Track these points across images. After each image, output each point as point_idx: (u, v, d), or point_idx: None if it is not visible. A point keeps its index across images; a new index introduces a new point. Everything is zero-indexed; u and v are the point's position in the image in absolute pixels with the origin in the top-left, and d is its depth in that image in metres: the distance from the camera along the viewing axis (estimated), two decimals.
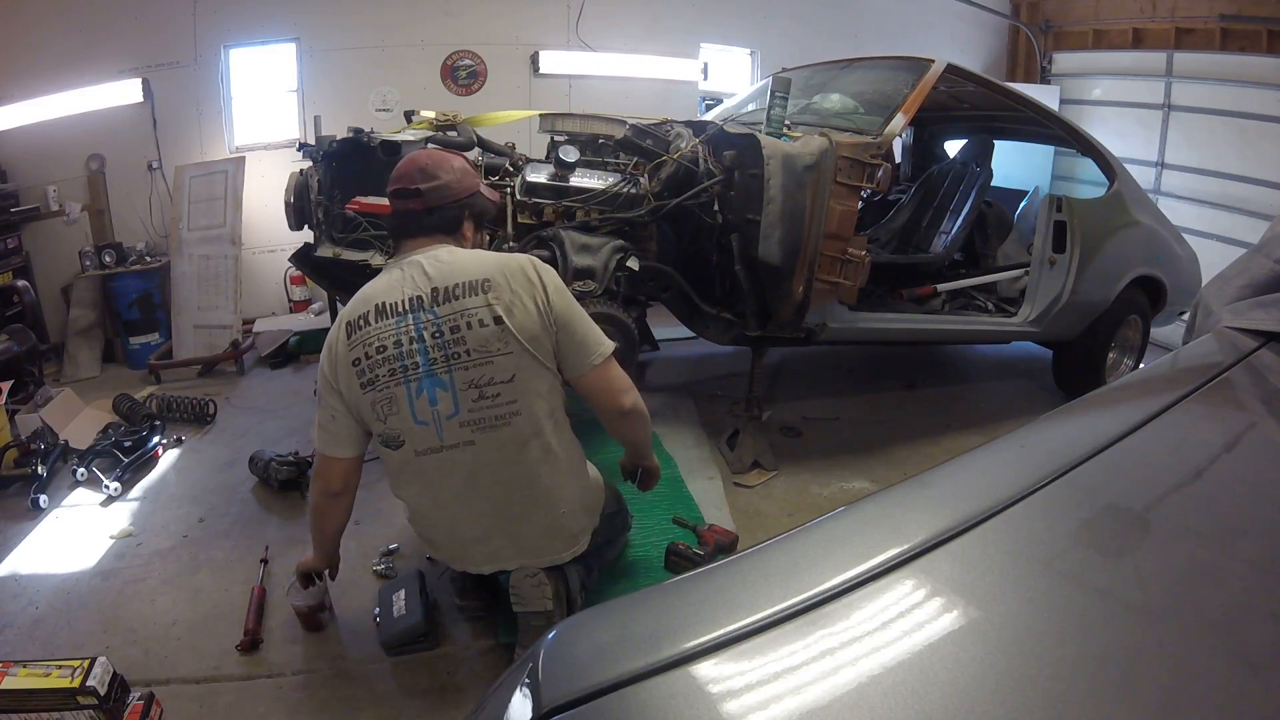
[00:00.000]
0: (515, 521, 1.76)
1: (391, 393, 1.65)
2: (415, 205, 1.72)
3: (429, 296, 1.64)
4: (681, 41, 5.16)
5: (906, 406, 3.61)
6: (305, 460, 2.78)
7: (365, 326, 1.66)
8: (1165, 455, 0.93)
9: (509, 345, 1.63)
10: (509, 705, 0.62)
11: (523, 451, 1.69)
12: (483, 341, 1.62)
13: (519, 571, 1.81)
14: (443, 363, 1.63)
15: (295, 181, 2.92)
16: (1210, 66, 4.80)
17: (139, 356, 4.13)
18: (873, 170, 2.54)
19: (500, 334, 1.62)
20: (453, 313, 1.63)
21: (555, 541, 1.81)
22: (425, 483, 1.73)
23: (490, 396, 1.64)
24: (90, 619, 2.11)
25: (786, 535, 0.80)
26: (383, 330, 1.65)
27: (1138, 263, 3.51)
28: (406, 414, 1.65)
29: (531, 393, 1.67)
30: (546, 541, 1.81)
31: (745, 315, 2.69)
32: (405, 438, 1.67)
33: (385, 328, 1.65)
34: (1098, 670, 0.58)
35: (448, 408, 1.64)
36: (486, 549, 1.80)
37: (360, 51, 4.56)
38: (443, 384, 1.63)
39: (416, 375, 1.63)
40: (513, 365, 1.64)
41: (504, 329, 1.62)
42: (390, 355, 1.64)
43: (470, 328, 1.62)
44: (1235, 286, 1.29)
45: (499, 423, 1.66)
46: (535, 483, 1.73)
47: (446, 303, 1.63)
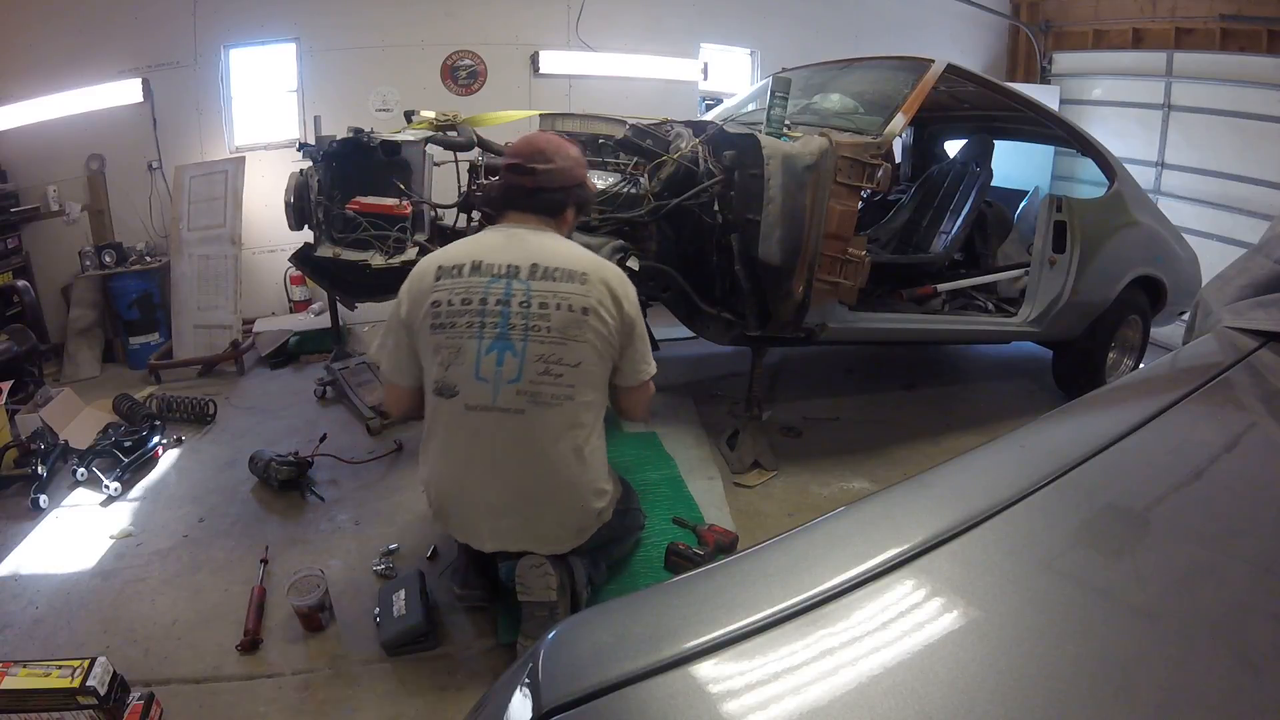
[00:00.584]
0: (533, 503, 1.78)
1: (461, 344, 1.71)
2: (526, 182, 1.81)
3: (527, 269, 1.73)
4: (681, 41, 5.16)
5: (906, 406, 3.60)
6: (305, 460, 2.78)
7: (457, 275, 1.74)
8: (1165, 455, 0.93)
9: (585, 336, 1.71)
10: (509, 705, 0.62)
11: (561, 438, 1.74)
12: (564, 324, 1.70)
13: (525, 561, 1.82)
14: (520, 330, 1.70)
15: (295, 181, 2.92)
16: (1210, 66, 4.80)
17: (139, 356, 4.13)
18: (873, 170, 2.54)
19: (581, 324, 1.71)
20: (545, 290, 1.71)
21: (563, 532, 1.84)
22: (463, 439, 1.76)
23: (554, 375, 1.70)
24: (90, 619, 2.11)
25: (786, 535, 0.80)
26: (473, 284, 1.73)
27: (1138, 263, 3.51)
28: (470, 367, 1.71)
29: (588, 385, 1.75)
30: (555, 530, 1.83)
31: (745, 315, 2.69)
32: (461, 389, 1.72)
33: (476, 282, 1.73)
34: (1098, 670, 0.58)
35: (511, 372, 1.70)
36: (497, 524, 1.80)
37: (360, 51, 4.56)
38: (513, 349, 1.70)
39: (492, 334, 1.70)
40: (582, 355, 1.72)
41: (585, 322, 1.71)
42: (474, 309, 1.71)
43: (558, 309, 1.70)
44: (1235, 286, 1.29)
45: (553, 401, 1.72)
46: (563, 471, 1.76)
47: (543, 280, 1.72)
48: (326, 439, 3.01)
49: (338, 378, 3.58)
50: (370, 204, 2.85)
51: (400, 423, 3.25)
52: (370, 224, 2.84)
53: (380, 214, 2.85)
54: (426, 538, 2.44)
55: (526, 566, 1.82)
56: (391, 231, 2.84)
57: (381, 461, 2.95)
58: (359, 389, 3.48)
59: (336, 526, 2.54)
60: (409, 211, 2.86)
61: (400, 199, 2.90)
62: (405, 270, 2.76)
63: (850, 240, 2.55)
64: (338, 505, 2.66)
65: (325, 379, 3.64)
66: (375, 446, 3.05)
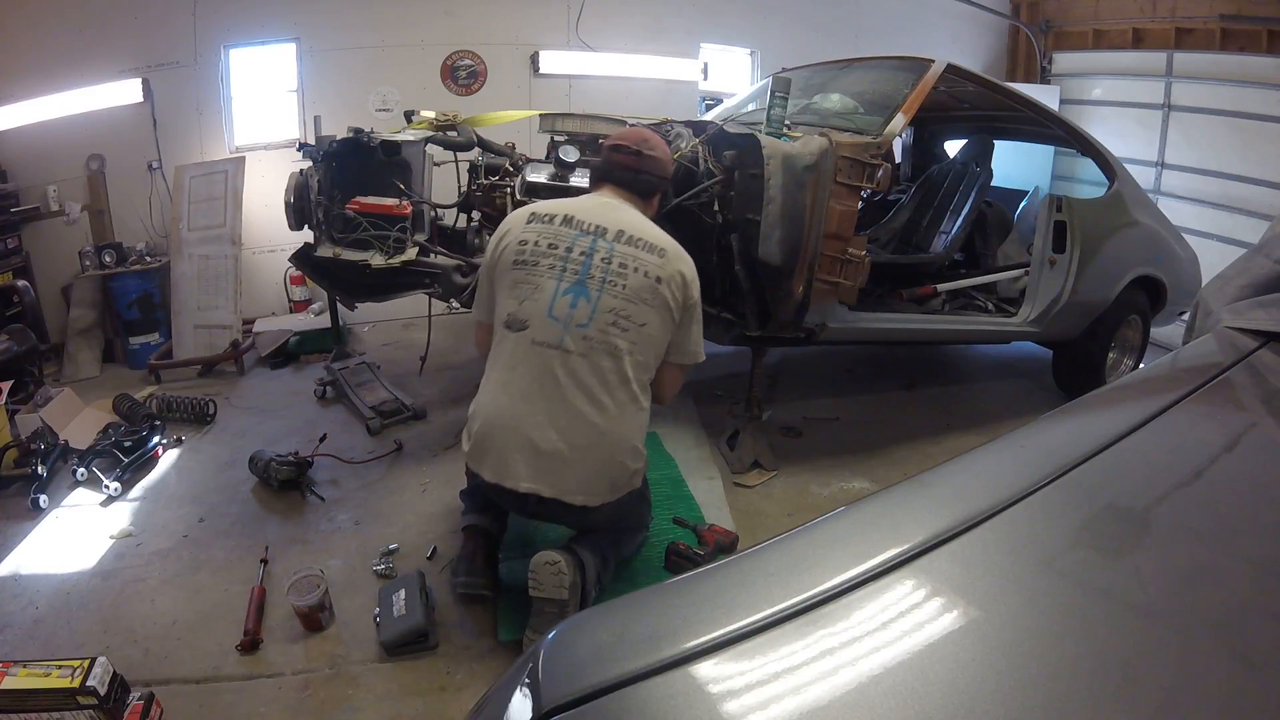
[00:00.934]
0: (576, 447, 1.82)
1: (540, 281, 1.84)
2: (630, 161, 2.01)
3: (614, 232, 1.88)
4: (681, 41, 5.16)
5: (906, 406, 3.61)
6: (305, 460, 2.78)
7: (549, 222, 1.90)
8: (1165, 455, 0.93)
9: (654, 302, 1.85)
10: (509, 705, 0.62)
11: (615, 389, 1.83)
12: (639, 287, 1.84)
13: (540, 557, 1.84)
14: (598, 281, 1.83)
15: (295, 181, 2.92)
16: (1210, 66, 4.80)
17: (139, 356, 4.13)
18: (873, 170, 2.54)
19: (654, 290, 1.85)
20: (627, 253, 1.86)
21: (597, 483, 1.87)
22: (524, 372, 1.83)
23: (620, 329, 1.83)
24: (90, 619, 2.11)
25: (786, 535, 0.80)
26: (562, 233, 1.88)
27: (1138, 263, 3.51)
28: (544, 304, 1.83)
29: (647, 348, 1.87)
30: (590, 480, 1.86)
31: (745, 315, 2.69)
32: (531, 324, 1.83)
33: (565, 232, 1.88)
34: (1098, 670, 0.58)
35: (582, 317, 1.82)
36: (536, 464, 1.82)
37: (360, 51, 4.56)
38: (588, 296, 1.82)
39: (571, 279, 1.83)
40: (648, 318, 1.85)
41: (657, 290, 1.85)
42: (558, 254, 1.85)
43: (635, 272, 1.85)
44: (1235, 286, 1.29)
45: (615, 352, 1.83)
46: (610, 420, 1.84)
47: (626, 244, 1.87)
48: (326, 439, 3.01)
49: (338, 378, 3.58)
50: (370, 204, 2.86)
51: (401, 422, 3.26)
52: (370, 224, 2.84)
53: (380, 214, 2.86)
54: (426, 538, 2.45)
55: (541, 563, 1.84)
56: (391, 231, 2.84)
57: (381, 461, 2.95)
58: (359, 389, 3.49)
59: (336, 526, 2.54)
60: (409, 211, 2.87)
61: (400, 199, 2.90)
62: (404, 270, 2.81)
63: (850, 240, 2.55)
64: (338, 505, 2.66)
65: (325, 379, 3.65)
66: (375, 446, 3.05)
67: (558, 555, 1.85)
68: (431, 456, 3.01)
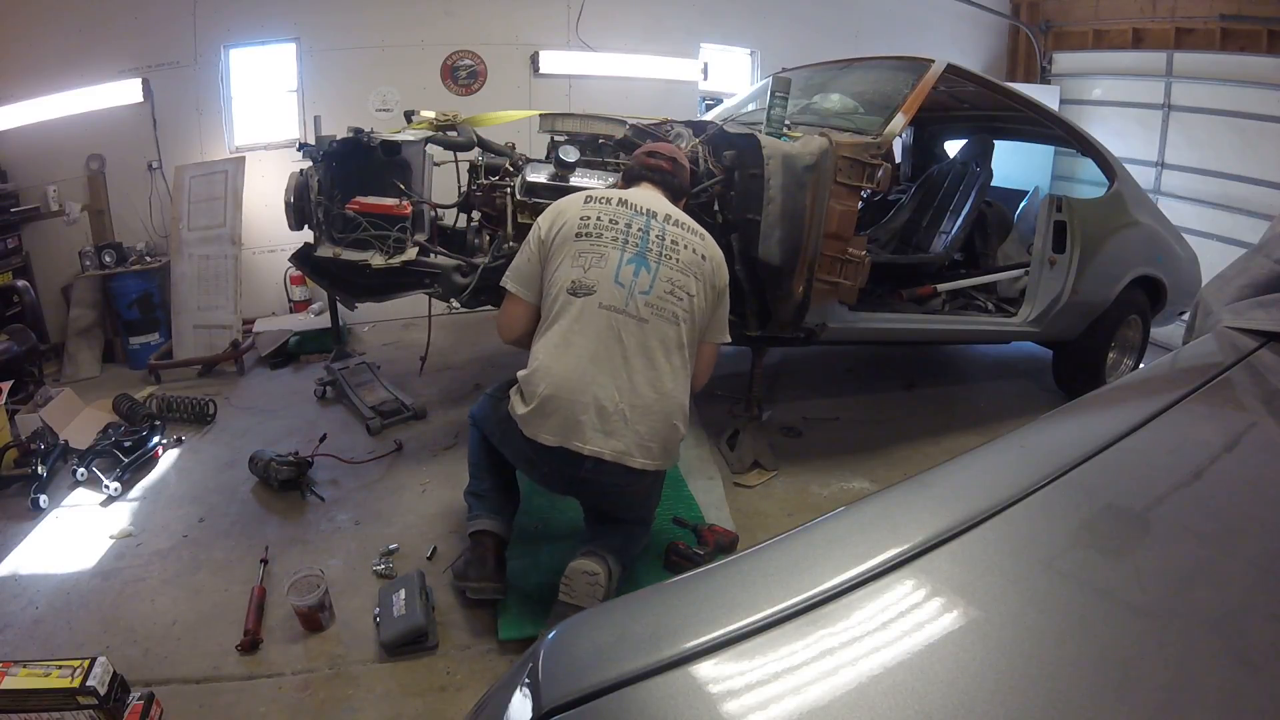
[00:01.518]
0: (639, 408, 1.89)
1: (605, 251, 1.95)
2: (666, 166, 2.19)
3: (663, 215, 2.04)
4: (681, 41, 5.16)
5: (906, 406, 3.60)
6: (305, 460, 2.78)
7: (605, 204, 2.02)
8: (1165, 455, 0.93)
9: (701, 276, 2.01)
10: (509, 705, 0.62)
11: (673, 353, 1.95)
12: (689, 262, 2.00)
13: (577, 565, 1.88)
14: (655, 254, 1.97)
15: (295, 181, 2.92)
16: (1210, 66, 4.80)
17: (139, 356, 4.13)
18: (873, 170, 2.54)
19: (700, 266, 2.01)
20: (677, 233, 2.02)
21: (654, 445, 1.92)
22: (592, 334, 1.90)
23: (677, 297, 1.96)
24: (90, 619, 2.11)
25: (786, 535, 0.80)
26: (620, 211, 2.01)
27: (1138, 263, 3.51)
28: (610, 271, 1.94)
29: (695, 318, 2.00)
30: (649, 442, 1.91)
31: (745, 315, 2.69)
32: (598, 289, 1.92)
33: (623, 211, 2.01)
34: (1098, 670, 0.58)
35: (644, 284, 1.94)
36: (602, 426, 1.87)
37: (360, 51, 4.56)
38: (648, 267, 1.96)
39: (633, 250, 1.96)
40: (696, 290, 2.00)
41: (703, 265, 2.02)
42: (620, 228, 1.98)
43: (685, 249, 2.01)
44: (1235, 286, 1.29)
45: (673, 319, 1.95)
46: (668, 382, 1.94)
47: (675, 226, 2.04)
48: (326, 439, 3.01)
49: (338, 378, 3.58)
50: (370, 204, 2.85)
51: (401, 422, 3.25)
52: (370, 224, 2.84)
53: (380, 214, 2.85)
54: (426, 538, 2.45)
55: (578, 571, 1.86)
56: (391, 231, 2.84)
57: (381, 461, 2.95)
58: (359, 389, 3.48)
59: (336, 526, 2.54)
60: (409, 211, 2.87)
61: (400, 199, 2.90)
62: (404, 270, 2.81)
63: (850, 240, 2.55)
64: (338, 505, 2.66)
65: (325, 379, 3.65)
66: (375, 446, 3.05)
67: (596, 567, 1.88)
68: (431, 456, 3.01)
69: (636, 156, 2.25)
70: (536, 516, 2.47)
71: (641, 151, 2.26)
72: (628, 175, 2.24)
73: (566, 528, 2.40)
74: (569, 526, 2.39)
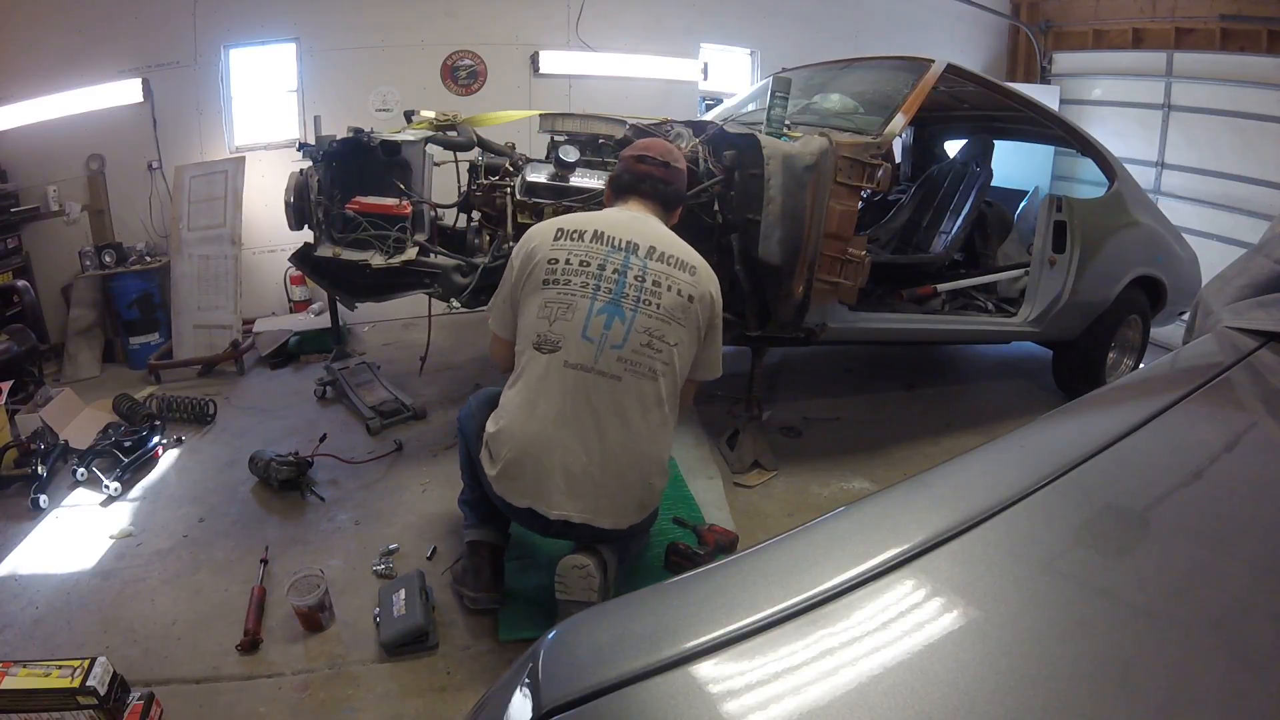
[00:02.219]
0: (610, 472, 1.80)
1: (574, 301, 1.78)
2: (658, 173, 1.96)
3: (645, 249, 1.83)
4: (681, 41, 5.16)
5: (906, 406, 3.61)
6: (305, 460, 2.78)
7: (578, 240, 1.83)
8: (1165, 455, 0.93)
9: (685, 321, 1.83)
10: (509, 705, 0.62)
11: (649, 411, 1.81)
12: (672, 306, 1.81)
13: (568, 561, 1.84)
14: (632, 301, 1.79)
15: (295, 181, 2.92)
16: (1210, 66, 4.80)
17: (139, 356, 4.13)
18: (873, 170, 2.54)
19: (686, 309, 1.82)
20: (660, 271, 1.82)
21: (628, 505, 1.85)
22: (557, 396, 1.78)
23: (654, 350, 1.79)
24: (90, 619, 2.11)
25: (786, 535, 0.80)
26: (593, 249, 1.81)
27: (1138, 263, 3.51)
28: (578, 325, 1.77)
29: (677, 366, 1.83)
30: (622, 503, 1.84)
31: (745, 315, 2.69)
32: (564, 345, 1.77)
33: (596, 249, 1.81)
34: (1098, 670, 0.58)
35: (617, 338, 1.78)
36: (570, 487, 1.79)
37: (360, 51, 4.56)
38: (623, 316, 1.78)
39: (605, 298, 1.78)
40: (680, 337, 1.82)
41: (690, 308, 1.83)
42: (591, 272, 1.79)
43: (669, 290, 1.81)
44: (1235, 286, 1.29)
45: (649, 374, 1.80)
46: (642, 443, 1.82)
47: (659, 262, 1.83)
48: (326, 439, 3.01)
49: (338, 378, 3.58)
50: (370, 204, 2.86)
51: (401, 422, 3.25)
52: (370, 224, 2.84)
53: (380, 214, 2.86)
54: (426, 538, 2.45)
55: (569, 567, 1.83)
56: (391, 231, 2.84)
57: (381, 461, 2.95)
58: (359, 389, 3.48)
59: (336, 526, 2.54)
60: (409, 211, 2.87)
61: (400, 199, 2.90)
62: (404, 270, 2.81)
63: (850, 240, 2.55)
64: (338, 505, 2.66)
65: (325, 379, 3.64)
66: (375, 446, 3.05)
67: (585, 559, 1.84)
68: (431, 456, 3.00)
69: (625, 161, 2.01)
70: None
71: (630, 155, 2.00)
72: (616, 186, 2.02)
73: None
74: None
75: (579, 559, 1.85)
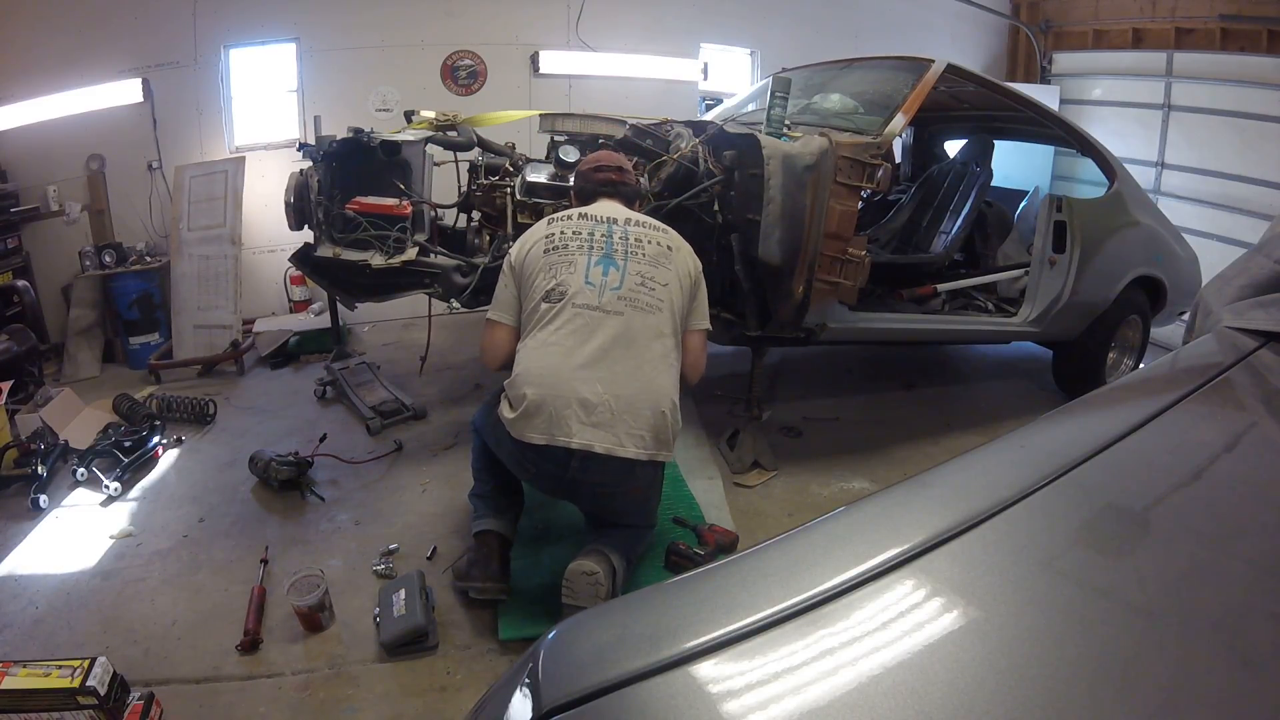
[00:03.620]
0: (623, 399, 1.91)
1: (573, 257, 2.02)
2: (615, 177, 2.22)
3: (623, 220, 2.10)
4: (681, 41, 5.16)
5: (906, 406, 3.61)
6: (305, 460, 2.78)
7: (566, 220, 2.10)
8: (1165, 455, 0.93)
9: (671, 265, 2.07)
10: (509, 705, 0.62)
11: (654, 342, 1.99)
12: (655, 254, 2.07)
13: (576, 567, 1.88)
14: (621, 252, 2.04)
15: (295, 181, 2.92)
16: (1210, 66, 4.80)
17: (139, 356, 4.13)
18: (873, 170, 2.54)
19: (668, 256, 2.08)
20: (639, 233, 2.09)
21: (644, 434, 1.92)
22: (568, 333, 1.95)
23: (648, 288, 2.01)
24: (90, 619, 2.11)
25: (786, 535, 0.80)
26: (581, 224, 2.08)
27: (1138, 263, 3.51)
28: (580, 273, 2.00)
29: (673, 303, 2.04)
30: (636, 430, 1.91)
31: (745, 315, 2.69)
32: (570, 291, 1.98)
33: (584, 224, 2.08)
34: (1098, 670, 0.58)
35: (614, 281, 2.00)
36: (588, 420, 1.88)
37: (360, 51, 4.56)
38: (616, 265, 2.02)
39: (599, 252, 2.03)
40: (668, 278, 2.05)
41: (671, 255, 2.08)
42: (583, 237, 2.05)
43: (650, 243, 2.08)
44: (1235, 286, 1.29)
45: (648, 308, 1.99)
46: (650, 370, 1.96)
47: (636, 226, 2.10)
48: (326, 439, 3.01)
49: (338, 378, 3.58)
50: (370, 204, 2.86)
51: (401, 422, 3.26)
52: (370, 224, 2.84)
53: (380, 214, 2.86)
54: (426, 538, 2.45)
55: (577, 573, 1.87)
56: (391, 231, 2.84)
57: (381, 461, 2.95)
58: (359, 389, 3.48)
59: (336, 526, 2.54)
60: (409, 211, 2.87)
61: (400, 199, 2.90)
62: (404, 270, 2.81)
63: (850, 240, 2.55)
64: (338, 505, 2.66)
65: (325, 379, 3.65)
66: (375, 446, 3.06)
67: (594, 565, 1.88)
68: (431, 456, 3.01)
69: (583, 174, 2.26)
70: (538, 518, 2.47)
71: (587, 168, 2.26)
72: (580, 194, 2.26)
73: (568, 529, 2.40)
74: (570, 528, 2.39)
75: (588, 564, 1.88)
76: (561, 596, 1.89)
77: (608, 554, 1.94)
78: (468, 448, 2.28)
